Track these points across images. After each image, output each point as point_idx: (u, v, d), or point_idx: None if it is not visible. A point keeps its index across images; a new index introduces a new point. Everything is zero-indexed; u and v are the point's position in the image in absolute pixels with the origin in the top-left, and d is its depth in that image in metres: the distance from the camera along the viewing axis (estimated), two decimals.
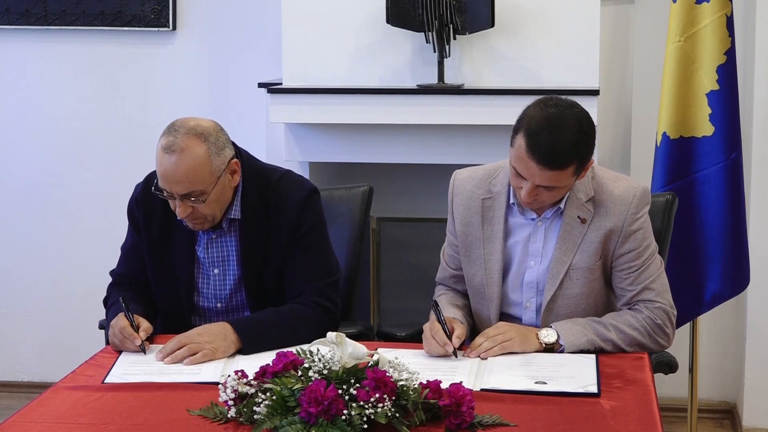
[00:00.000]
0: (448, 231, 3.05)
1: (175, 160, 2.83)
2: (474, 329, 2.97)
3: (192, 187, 2.84)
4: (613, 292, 2.95)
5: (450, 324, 2.77)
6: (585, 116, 2.77)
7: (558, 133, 2.71)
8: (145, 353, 2.78)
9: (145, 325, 2.85)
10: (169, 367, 2.68)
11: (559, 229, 2.88)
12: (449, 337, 2.72)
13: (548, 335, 2.78)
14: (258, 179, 3.02)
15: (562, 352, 2.76)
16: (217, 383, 2.39)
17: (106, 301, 3.11)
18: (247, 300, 3.03)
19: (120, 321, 2.85)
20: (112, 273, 3.15)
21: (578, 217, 2.86)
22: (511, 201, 2.91)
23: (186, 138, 2.86)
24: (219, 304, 3.04)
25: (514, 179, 2.79)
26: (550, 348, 2.76)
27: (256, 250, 3.00)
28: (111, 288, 3.12)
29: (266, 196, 3.01)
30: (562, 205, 2.87)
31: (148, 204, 3.03)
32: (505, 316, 2.95)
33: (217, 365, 2.68)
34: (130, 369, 2.69)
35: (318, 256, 3.04)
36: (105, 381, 2.61)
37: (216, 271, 3.03)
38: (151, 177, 3.01)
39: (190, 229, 2.99)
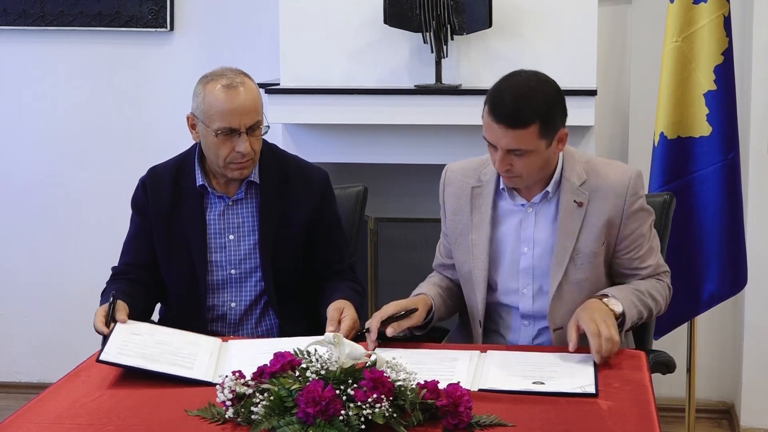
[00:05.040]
0: (442, 223, 3.09)
1: (242, 91, 2.99)
2: (465, 321, 3.03)
3: (257, 116, 3.02)
4: (615, 280, 2.99)
5: (397, 307, 2.84)
6: (547, 80, 2.84)
7: (517, 93, 2.77)
8: (106, 335, 2.80)
9: (121, 316, 2.87)
10: (162, 355, 2.68)
11: (553, 215, 2.90)
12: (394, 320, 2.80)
13: (615, 304, 2.79)
14: (269, 148, 3.17)
15: (622, 323, 2.78)
16: (208, 383, 2.41)
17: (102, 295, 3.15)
18: (260, 263, 3.09)
19: (99, 325, 2.89)
20: (113, 268, 3.20)
21: (574, 201, 2.88)
22: (501, 186, 2.93)
23: (239, 75, 3.03)
24: (233, 271, 3.11)
25: (490, 152, 2.84)
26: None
27: (274, 214, 3.09)
28: (110, 281, 3.16)
29: (283, 164, 3.15)
30: (549, 189, 2.89)
31: (155, 183, 3.15)
32: (501, 306, 2.98)
33: (210, 362, 2.69)
34: (124, 349, 2.70)
35: (344, 232, 3.25)
36: (99, 359, 2.63)
37: (231, 237, 3.11)
38: (155, 168, 3.16)
39: (200, 199, 3.10)
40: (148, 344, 2.74)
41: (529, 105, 2.75)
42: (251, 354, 2.69)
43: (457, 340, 3.08)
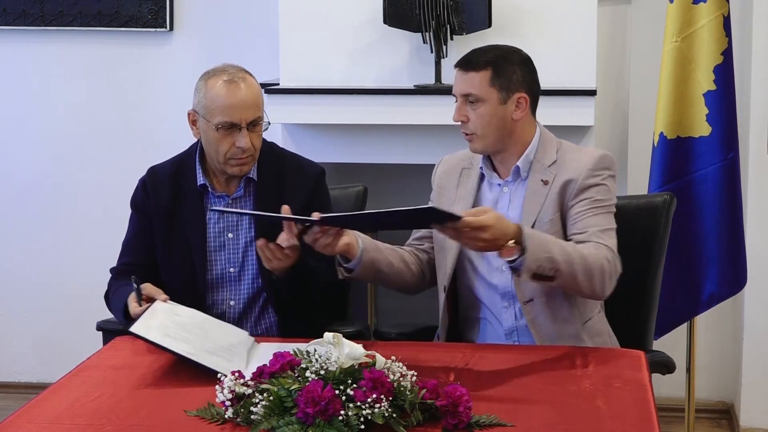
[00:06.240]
0: (429, 202, 3.12)
1: (243, 87, 3.02)
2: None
3: (258, 112, 3.04)
4: None
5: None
6: (516, 49, 2.98)
7: (483, 47, 2.99)
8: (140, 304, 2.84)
9: (162, 296, 2.89)
10: (192, 344, 2.67)
11: (523, 195, 2.93)
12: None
13: (512, 252, 2.67)
14: (268, 146, 3.17)
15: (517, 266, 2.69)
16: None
17: (107, 296, 3.15)
18: (257, 260, 3.08)
19: (135, 309, 2.88)
20: (112, 269, 3.20)
21: (541, 180, 2.93)
22: (480, 165, 3.00)
23: (240, 71, 3.07)
24: (232, 269, 3.12)
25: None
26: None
27: (270, 210, 3.06)
28: (112, 281, 3.17)
29: (281, 162, 3.16)
30: (520, 164, 2.93)
31: (155, 182, 3.15)
32: (487, 284, 2.97)
33: (241, 360, 2.68)
34: (154, 324, 2.72)
35: None
36: (130, 330, 2.67)
37: (230, 235, 3.12)
38: (154, 168, 3.17)
39: (200, 198, 3.10)
40: (190, 329, 2.74)
41: (484, 53, 2.94)
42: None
43: (454, 335, 3.07)
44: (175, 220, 3.12)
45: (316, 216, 2.67)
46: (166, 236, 3.12)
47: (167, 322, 2.75)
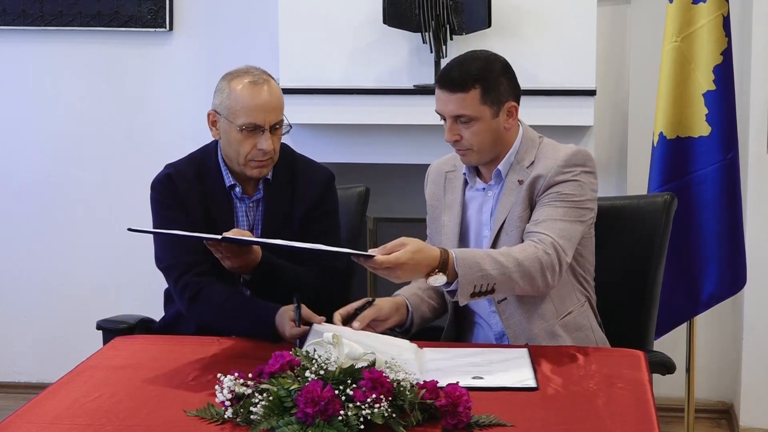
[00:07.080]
0: (426, 219, 3.12)
1: (267, 89, 3.02)
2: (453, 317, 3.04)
3: (280, 115, 3.04)
4: None
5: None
6: (495, 56, 2.93)
7: (461, 61, 2.92)
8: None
9: (317, 319, 2.86)
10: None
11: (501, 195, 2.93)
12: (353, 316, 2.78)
13: (437, 280, 2.68)
14: (282, 147, 3.13)
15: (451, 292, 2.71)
16: None
17: (194, 297, 3.02)
18: None
19: (292, 331, 2.84)
20: (171, 266, 3.06)
21: (518, 180, 2.91)
22: (463, 171, 2.98)
23: (263, 73, 3.06)
24: None
25: (445, 127, 2.89)
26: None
27: (279, 212, 3.08)
28: (195, 279, 3.03)
29: (293, 163, 3.15)
30: (501, 167, 2.92)
31: (180, 179, 3.09)
32: None
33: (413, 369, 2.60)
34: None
35: (335, 236, 3.15)
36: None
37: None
38: (174, 166, 3.12)
39: (227, 200, 3.07)
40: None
41: (470, 70, 2.86)
42: (447, 358, 2.67)
43: (451, 336, 3.07)
44: (206, 222, 3.05)
45: (219, 236, 2.76)
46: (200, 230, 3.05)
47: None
